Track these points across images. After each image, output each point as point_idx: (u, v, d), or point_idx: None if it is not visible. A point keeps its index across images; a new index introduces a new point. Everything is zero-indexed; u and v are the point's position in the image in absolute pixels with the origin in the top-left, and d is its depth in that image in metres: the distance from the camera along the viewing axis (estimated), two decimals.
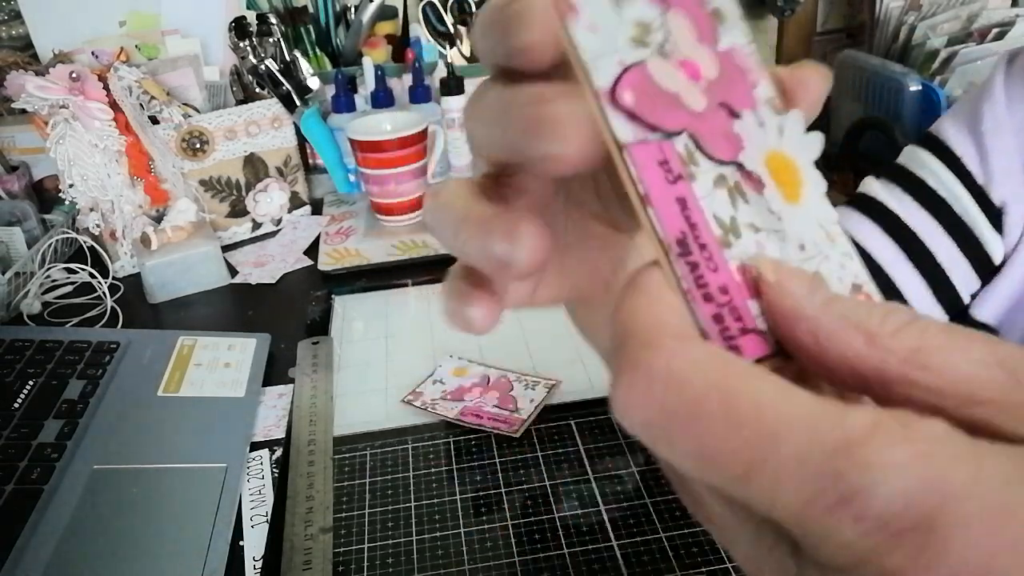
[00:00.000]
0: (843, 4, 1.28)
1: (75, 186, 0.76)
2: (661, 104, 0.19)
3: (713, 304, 0.18)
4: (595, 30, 0.19)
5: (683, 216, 0.19)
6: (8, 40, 0.93)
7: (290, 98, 0.88)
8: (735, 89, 0.21)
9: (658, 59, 0.20)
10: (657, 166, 0.19)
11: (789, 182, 0.21)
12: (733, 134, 0.20)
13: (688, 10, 0.20)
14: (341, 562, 0.45)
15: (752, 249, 0.19)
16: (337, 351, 0.66)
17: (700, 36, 0.21)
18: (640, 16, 0.19)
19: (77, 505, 0.48)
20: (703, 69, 0.21)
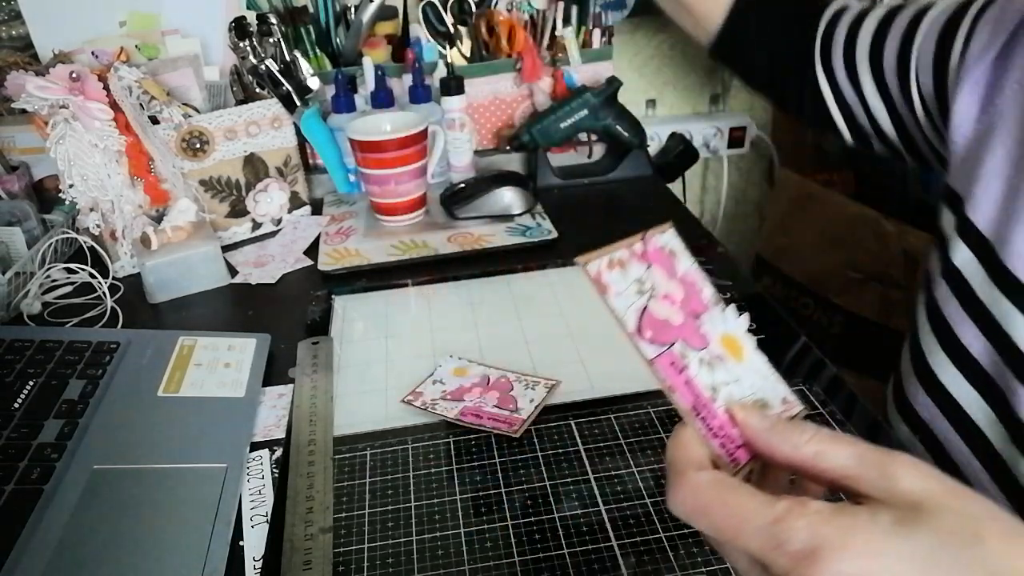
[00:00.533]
0: None
1: (75, 186, 0.76)
2: (662, 329, 0.34)
3: (718, 438, 0.33)
4: (618, 295, 0.33)
5: (691, 391, 0.33)
6: (8, 40, 0.93)
7: (290, 98, 0.88)
8: (694, 300, 0.36)
9: (652, 300, 0.34)
10: (670, 366, 0.33)
11: (736, 350, 0.36)
12: (701, 332, 0.35)
13: (659, 262, 0.35)
14: (341, 562, 0.45)
15: (727, 398, 0.34)
16: (337, 351, 0.66)
17: (668, 275, 0.35)
18: (637, 275, 0.34)
19: (77, 505, 0.48)
20: (675, 295, 0.35)
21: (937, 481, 0.27)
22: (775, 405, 0.35)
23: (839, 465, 0.29)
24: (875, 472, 0.28)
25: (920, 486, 0.27)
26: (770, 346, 0.63)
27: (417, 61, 0.95)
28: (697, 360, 0.34)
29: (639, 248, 0.35)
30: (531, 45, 0.98)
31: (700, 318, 0.35)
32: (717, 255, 0.78)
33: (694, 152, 1.16)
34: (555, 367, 0.61)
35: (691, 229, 0.85)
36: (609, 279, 0.33)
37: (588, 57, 1.01)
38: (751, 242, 1.37)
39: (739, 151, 1.25)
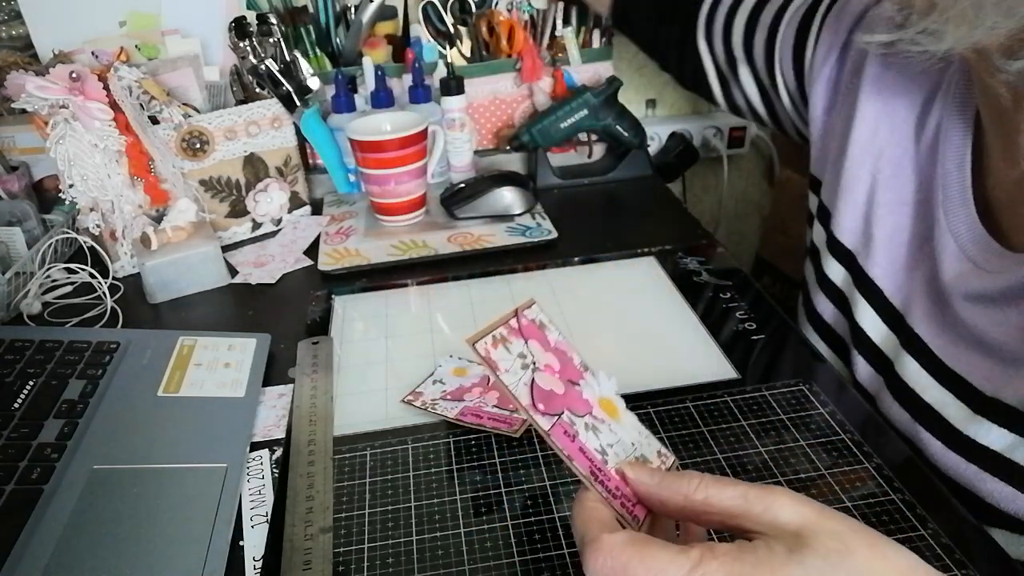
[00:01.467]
0: None
1: (75, 186, 0.76)
2: (549, 399, 0.37)
3: (617, 499, 0.35)
4: (507, 371, 0.36)
5: (587, 457, 0.36)
6: (8, 40, 0.93)
7: (290, 98, 0.88)
8: (568, 369, 0.39)
9: (536, 373, 0.37)
10: (564, 435, 0.36)
11: (612, 410, 0.39)
12: (583, 399, 0.38)
13: (533, 335, 0.38)
14: (341, 562, 0.45)
15: (614, 458, 0.37)
16: (337, 351, 0.66)
17: (544, 346, 0.39)
18: (519, 350, 0.37)
19: (77, 505, 0.48)
20: (554, 364, 0.38)
21: (809, 507, 0.31)
22: (653, 459, 0.39)
23: (727, 506, 0.32)
24: (759, 508, 0.31)
25: (797, 514, 0.31)
26: (770, 346, 0.63)
27: (417, 61, 0.95)
28: (583, 426, 0.37)
29: (514, 324, 0.38)
30: (531, 45, 0.98)
31: (579, 385, 0.39)
32: (717, 255, 0.78)
33: (694, 152, 1.16)
34: None
35: (691, 229, 0.85)
36: (497, 356, 0.36)
37: (588, 57, 1.01)
38: (751, 242, 1.37)
39: (739, 151, 1.25)
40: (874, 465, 0.49)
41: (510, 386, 0.35)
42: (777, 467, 0.50)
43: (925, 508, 0.46)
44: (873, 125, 0.60)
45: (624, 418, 0.39)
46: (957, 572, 0.42)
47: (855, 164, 0.62)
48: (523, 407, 0.35)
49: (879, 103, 0.60)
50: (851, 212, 0.63)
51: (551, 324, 0.40)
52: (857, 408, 0.55)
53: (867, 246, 0.61)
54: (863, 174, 0.61)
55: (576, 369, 0.39)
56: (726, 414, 0.55)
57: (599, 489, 0.35)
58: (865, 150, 0.61)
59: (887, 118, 0.59)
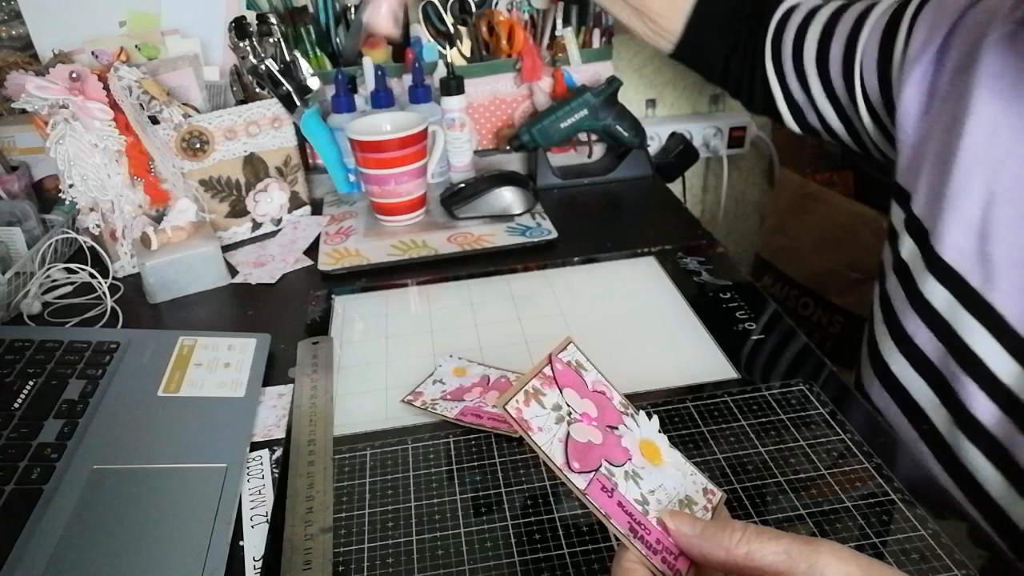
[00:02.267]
0: None
1: (75, 186, 0.76)
2: (587, 453, 0.35)
3: (658, 554, 0.34)
4: (542, 428, 0.34)
5: (625, 512, 0.34)
6: (8, 40, 0.93)
7: (290, 98, 0.88)
8: (607, 412, 0.37)
9: (572, 426, 0.35)
10: (601, 491, 0.34)
11: (653, 454, 0.38)
12: (622, 446, 0.37)
13: (570, 382, 0.37)
14: (341, 562, 0.45)
15: (656, 506, 0.35)
16: (337, 351, 0.66)
17: (581, 392, 0.37)
18: (553, 401, 0.35)
19: (77, 505, 0.48)
20: (591, 411, 0.37)
21: (856, 564, 0.30)
22: (699, 499, 0.38)
23: (769, 562, 0.31)
24: (804, 565, 0.31)
25: (843, 572, 0.30)
26: (770, 346, 0.63)
27: (417, 61, 0.95)
28: (623, 475, 0.36)
29: (548, 372, 0.37)
30: (531, 45, 0.98)
31: (617, 429, 0.37)
32: (717, 255, 0.78)
33: (694, 152, 1.16)
34: None
35: (691, 229, 0.85)
36: (529, 414, 0.35)
37: (588, 57, 1.01)
38: (751, 242, 1.37)
39: (739, 151, 1.25)
40: (874, 465, 0.49)
41: (543, 446, 0.34)
42: (777, 467, 0.50)
43: (925, 508, 0.46)
44: (991, 130, 0.53)
45: (667, 459, 0.38)
46: (957, 572, 0.42)
47: (966, 174, 0.55)
48: (557, 467, 0.34)
49: (1001, 105, 0.53)
50: (959, 228, 0.56)
51: (589, 363, 0.39)
52: (857, 408, 0.55)
53: (984, 267, 0.54)
54: (977, 186, 0.54)
55: (616, 411, 0.38)
56: (726, 414, 0.55)
57: (639, 547, 0.34)
58: (979, 159, 0.54)
59: (1009, 122, 0.53)
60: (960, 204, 0.55)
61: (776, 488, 0.48)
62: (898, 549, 0.43)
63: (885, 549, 0.43)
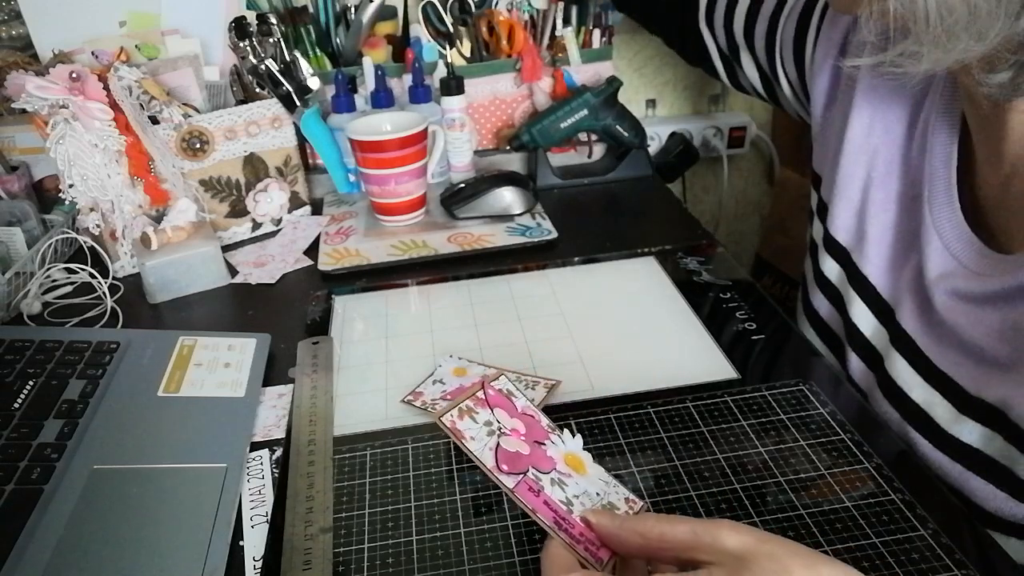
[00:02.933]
0: None
1: (75, 186, 0.76)
2: (515, 460, 0.40)
3: (581, 543, 0.38)
4: (474, 438, 0.40)
5: (551, 509, 0.39)
6: (8, 40, 0.93)
7: (290, 98, 0.88)
8: (535, 431, 0.43)
9: (502, 437, 0.41)
10: (528, 491, 0.39)
11: (578, 464, 0.42)
12: (548, 456, 0.42)
13: (500, 404, 0.43)
14: (341, 562, 0.45)
15: (580, 508, 0.40)
16: (337, 351, 0.66)
17: (511, 413, 0.43)
18: (485, 418, 0.41)
19: (77, 505, 0.48)
20: (520, 428, 0.42)
21: (750, 535, 0.34)
22: (621, 505, 0.42)
23: (680, 540, 0.35)
24: (707, 539, 0.35)
25: (740, 541, 0.34)
26: (770, 346, 0.63)
27: (417, 61, 0.95)
28: (549, 480, 0.40)
29: (481, 395, 0.42)
30: (531, 45, 0.98)
31: (544, 444, 0.42)
32: (717, 255, 0.78)
33: (694, 152, 1.16)
34: (555, 367, 0.61)
35: (691, 229, 0.85)
36: (463, 426, 0.40)
37: (588, 57, 1.01)
38: (751, 242, 1.37)
39: (739, 151, 1.25)
40: (874, 465, 0.49)
41: (475, 452, 0.39)
42: (777, 467, 0.50)
43: (925, 508, 0.46)
44: (868, 124, 0.61)
45: (590, 471, 0.43)
46: (957, 572, 0.42)
47: (850, 162, 0.63)
48: (488, 470, 0.39)
49: (874, 102, 0.61)
50: (846, 209, 0.64)
51: (519, 392, 0.45)
52: (857, 408, 0.55)
53: (860, 243, 0.62)
54: (858, 171, 0.62)
55: (543, 430, 0.43)
56: (726, 414, 0.55)
57: (563, 537, 0.38)
58: (860, 148, 0.62)
59: (881, 117, 0.61)
60: (846, 188, 0.63)
61: (776, 488, 0.48)
62: (898, 549, 0.43)
63: (885, 549, 0.43)
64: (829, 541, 0.44)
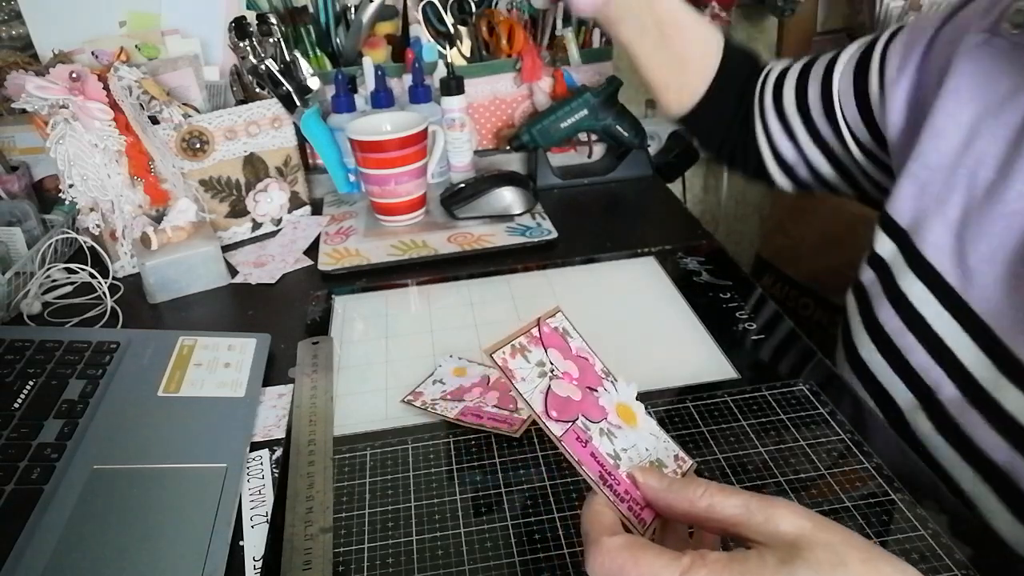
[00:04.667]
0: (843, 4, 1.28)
1: (75, 186, 0.76)
2: (565, 406, 0.38)
3: (624, 502, 0.36)
4: (525, 379, 0.37)
5: (597, 462, 0.37)
6: (8, 40, 0.93)
7: (290, 98, 0.88)
8: (588, 375, 0.40)
9: (554, 380, 0.38)
10: (576, 441, 0.37)
11: (629, 416, 0.40)
12: (599, 405, 0.39)
13: (554, 344, 0.40)
14: (341, 562, 0.45)
15: (627, 462, 0.38)
16: (337, 351, 0.66)
17: (564, 354, 0.40)
18: (538, 358, 0.38)
19: (77, 505, 0.48)
20: (573, 372, 0.39)
21: (808, 519, 0.32)
22: (669, 463, 0.40)
23: (729, 515, 0.33)
24: (760, 518, 0.32)
25: (795, 525, 0.32)
26: (770, 346, 0.63)
27: (417, 61, 0.95)
28: (598, 431, 0.38)
29: (535, 332, 0.40)
30: (531, 45, 0.98)
31: (596, 391, 0.40)
32: (717, 255, 0.78)
33: (694, 152, 1.16)
34: None
35: (691, 229, 0.85)
36: (514, 365, 0.38)
37: (588, 57, 1.01)
38: (751, 242, 1.37)
39: None
40: (874, 465, 0.49)
41: (525, 394, 0.37)
42: (777, 467, 0.50)
43: (925, 508, 0.46)
44: (968, 133, 0.54)
45: (642, 424, 0.40)
46: (957, 572, 0.42)
47: (947, 176, 0.56)
48: (537, 414, 0.36)
49: (977, 109, 0.54)
50: (941, 228, 0.56)
51: (575, 331, 0.41)
52: (857, 408, 0.55)
53: (961, 265, 0.54)
54: (957, 187, 0.55)
55: (597, 376, 0.40)
56: (726, 414, 0.55)
57: (607, 493, 0.36)
58: (958, 161, 0.55)
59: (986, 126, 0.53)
60: (941, 205, 0.56)
61: (776, 488, 0.48)
62: (898, 549, 0.43)
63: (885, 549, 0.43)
64: None
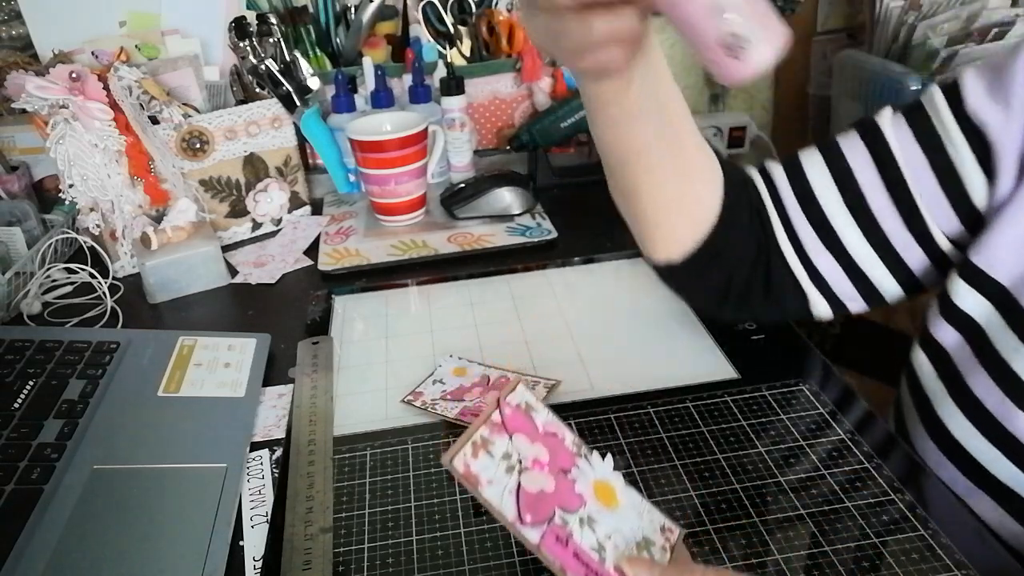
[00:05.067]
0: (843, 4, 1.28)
1: (75, 186, 0.76)
2: (539, 503, 0.34)
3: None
4: (491, 481, 0.34)
5: (582, 562, 0.34)
6: (8, 40, 0.93)
7: (290, 98, 0.88)
8: (559, 455, 0.36)
9: (523, 475, 0.34)
10: (555, 543, 0.34)
11: (609, 496, 0.37)
12: (575, 492, 0.36)
13: (519, 426, 0.36)
14: (341, 562, 0.45)
15: (613, 551, 0.35)
16: (337, 351, 0.66)
17: (531, 436, 0.36)
18: (503, 450, 0.35)
19: (77, 505, 0.48)
20: (543, 457, 0.36)
21: None
22: (657, 539, 0.38)
23: None
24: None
25: None
26: (770, 346, 0.63)
27: (417, 61, 0.95)
28: (578, 522, 0.35)
29: (497, 418, 0.36)
30: (531, 45, 0.98)
31: (570, 473, 0.37)
32: None
33: None
34: (555, 367, 0.61)
35: None
36: (478, 468, 0.34)
37: None
38: None
39: (739, 151, 1.25)
40: (874, 465, 0.49)
41: (493, 501, 0.34)
42: (777, 467, 0.50)
43: (925, 508, 0.46)
44: None
45: (623, 500, 0.38)
46: (957, 572, 0.42)
47: None
48: (509, 524, 0.34)
49: None
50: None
51: (538, 403, 0.38)
52: (857, 408, 0.55)
53: None
54: None
55: (568, 452, 0.38)
56: (726, 414, 0.55)
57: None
58: None
59: None
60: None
61: (776, 488, 0.48)
62: (898, 549, 0.43)
63: (885, 549, 0.43)
64: (829, 541, 0.44)
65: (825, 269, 0.56)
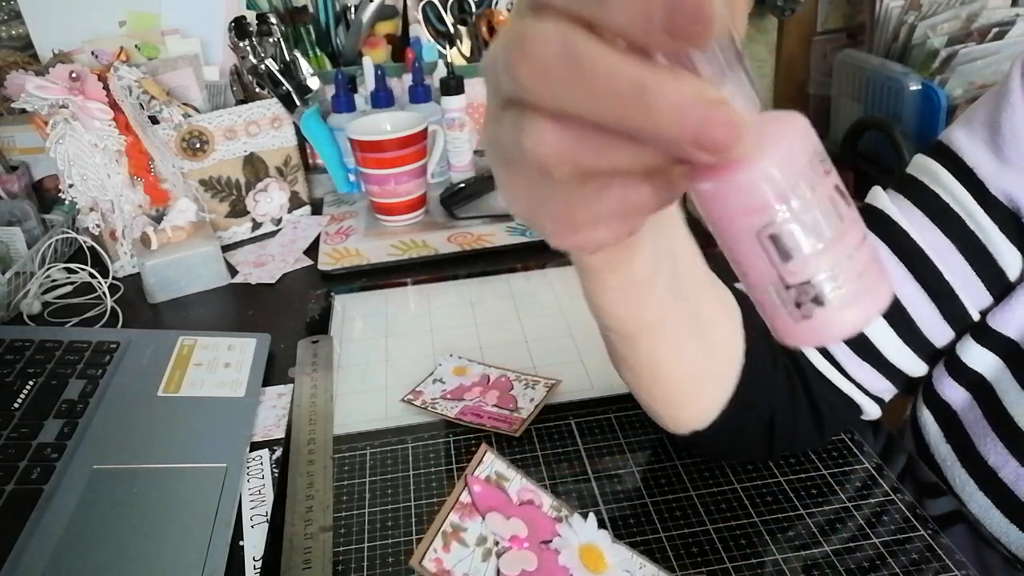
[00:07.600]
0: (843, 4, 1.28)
1: (75, 186, 0.76)
2: None
3: None
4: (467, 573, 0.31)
5: None
6: (8, 40, 0.93)
7: (290, 98, 0.88)
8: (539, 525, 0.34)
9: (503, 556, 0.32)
10: None
11: (597, 560, 0.34)
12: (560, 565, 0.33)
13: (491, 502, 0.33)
14: (341, 562, 0.45)
15: None
16: (337, 350, 0.66)
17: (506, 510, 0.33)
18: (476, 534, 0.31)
19: (77, 505, 0.48)
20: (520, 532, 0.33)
21: None
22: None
23: None
24: None
25: None
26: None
27: (417, 61, 0.95)
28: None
29: (467, 499, 0.33)
30: None
31: (551, 543, 0.34)
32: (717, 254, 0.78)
33: None
34: (555, 366, 0.61)
35: (691, 229, 0.85)
36: (451, 562, 0.31)
37: None
38: None
39: None
40: (874, 465, 0.49)
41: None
42: (777, 467, 0.50)
43: (925, 508, 0.46)
44: None
45: (611, 560, 0.36)
46: (957, 572, 0.42)
47: None
48: None
49: None
50: None
51: (509, 469, 0.36)
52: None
53: None
54: None
55: (547, 520, 0.35)
56: None
57: None
58: None
59: None
60: None
61: (776, 488, 0.48)
62: (898, 549, 0.43)
63: (885, 549, 0.43)
64: (829, 542, 0.44)
65: (858, 375, 0.50)
